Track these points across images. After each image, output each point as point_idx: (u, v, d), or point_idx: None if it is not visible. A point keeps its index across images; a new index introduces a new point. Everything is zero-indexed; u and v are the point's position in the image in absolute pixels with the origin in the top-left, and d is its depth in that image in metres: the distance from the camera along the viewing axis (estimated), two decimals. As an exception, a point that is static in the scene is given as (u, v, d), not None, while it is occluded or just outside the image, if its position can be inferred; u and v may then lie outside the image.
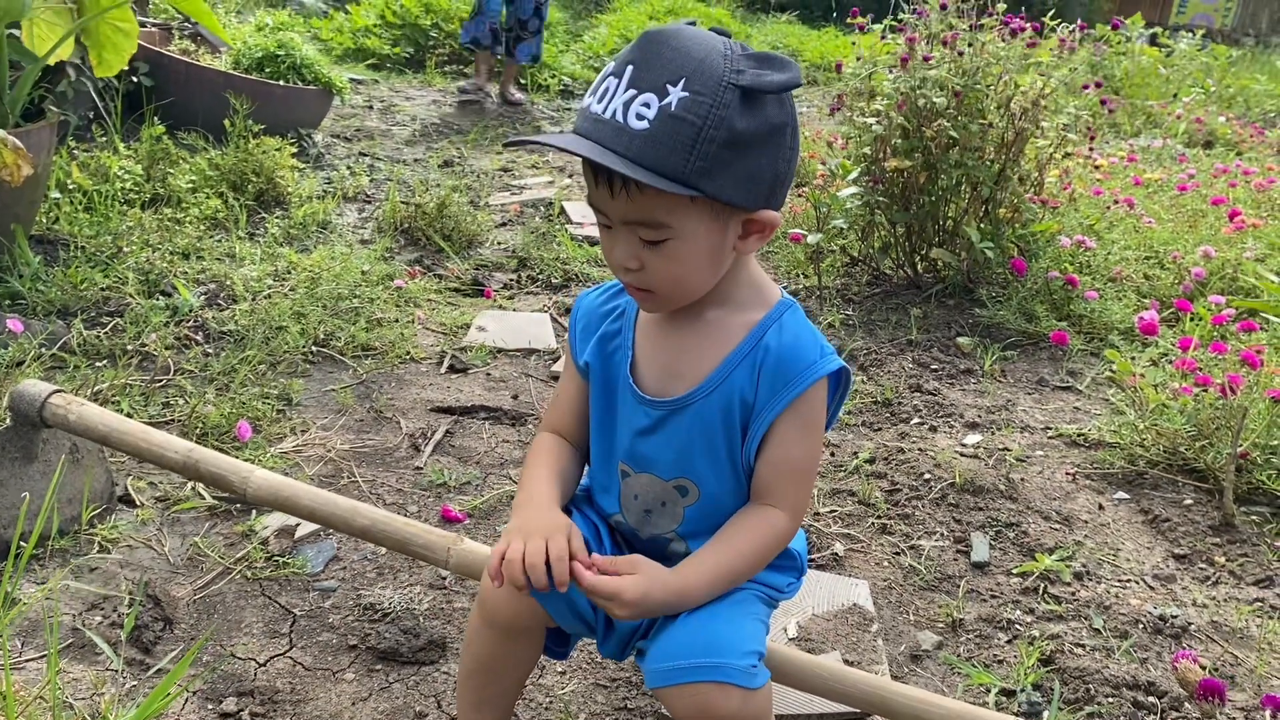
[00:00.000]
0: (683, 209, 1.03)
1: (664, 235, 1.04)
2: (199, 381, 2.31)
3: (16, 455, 1.65)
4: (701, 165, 0.99)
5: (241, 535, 1.81)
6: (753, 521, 1.16)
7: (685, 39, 1.00)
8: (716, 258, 1.09)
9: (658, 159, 0.98)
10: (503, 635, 1.23)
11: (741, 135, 0.99)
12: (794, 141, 1.06)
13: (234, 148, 3.83)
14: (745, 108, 0.99)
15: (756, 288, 1.17)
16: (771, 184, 1.05)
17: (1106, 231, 3.67)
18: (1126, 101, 6.96)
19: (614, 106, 1.00)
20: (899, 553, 1.94)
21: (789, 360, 1.12)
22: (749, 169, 1.02)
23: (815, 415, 1.15)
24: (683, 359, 1.17)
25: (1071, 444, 2.42)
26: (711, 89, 0.98)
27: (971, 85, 3.00)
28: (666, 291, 1.10)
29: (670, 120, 0.98)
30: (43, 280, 2.67)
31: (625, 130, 0.99)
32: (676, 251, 1.06)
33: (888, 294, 3.30)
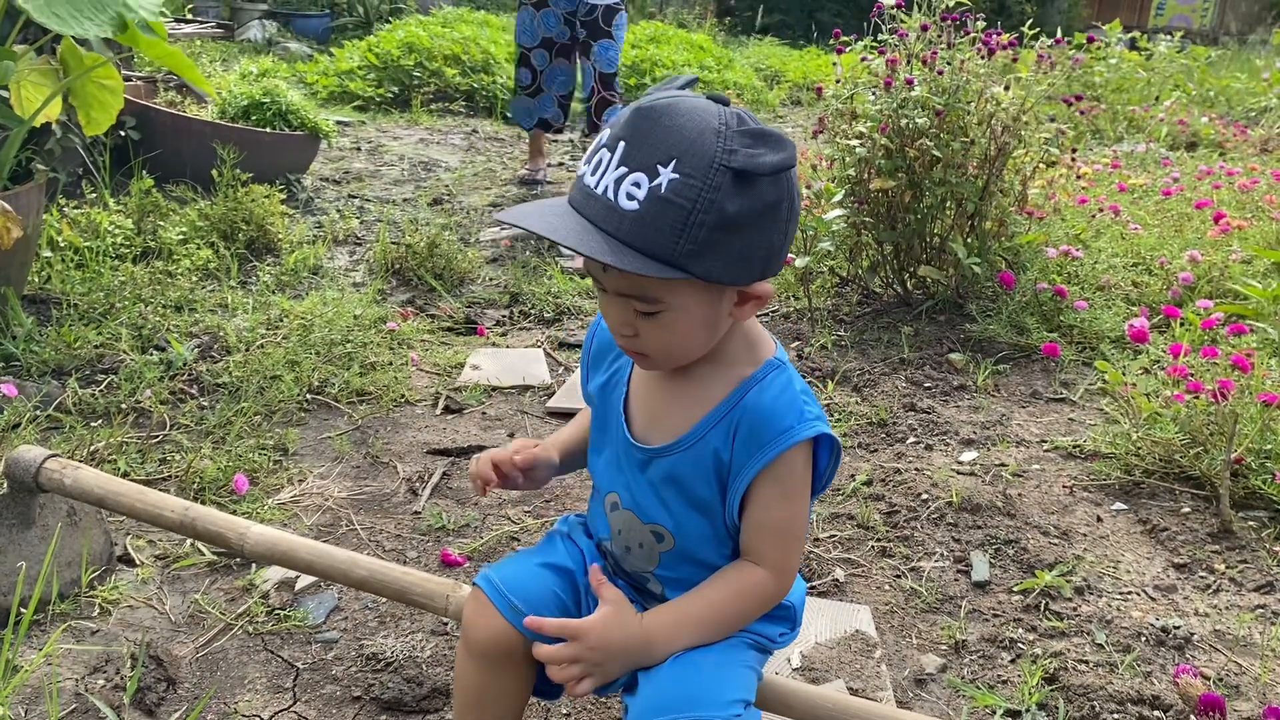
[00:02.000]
0: (675, 286, 1.02)
1: (657, 308, 1.05)
2: (195, 436, 2.32)
3: (14, 521, 1.65)
4: (690, 248, 0.98)
5: (242, 590, 1.82)
6: (731, 576, 1.16)
7: (678, 115, 0.98)
8: (711, 326, 1.09)
9: (647, 241, 0.98)
10: (486, 664, 1.22)
11: (732, 217, 0.98)
12: (790, 214, 1.04)
13: (223, 197, 3.85)
14: (737, 189, 0.98)
15: (750, 344, 1.17)
16: (766, 259, 1.04)
17: (1093, 240, 3.70)
18: (1107, 107, 7.01)
19: (606, 182, 0.99)
20: (900, 575, 1.94)
21: (764, 423, 1.11)
22: (740, 249, 1.01)
23: (794, 480, 1.13)
24: (668, 410, 1.18)
25: (1067, 456, 2.43)
26: (702, 171, 0.97)
27: (953, 104, 3.02)
28: (661, 356, 1.11)
29: (660, 202, 0.97)
30: (36, 341, 2.68)
31: (616, 210, 0.98)
32: (670, 322, 1.06)
33: (878, 313, 3.31)
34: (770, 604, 1.18)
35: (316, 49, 9.33)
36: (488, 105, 7.54)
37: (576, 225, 1.01)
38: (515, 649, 1.20)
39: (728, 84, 8.52)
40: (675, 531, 1.18)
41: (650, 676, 1.12)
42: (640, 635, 1.13)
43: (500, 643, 1.19)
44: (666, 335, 1.07)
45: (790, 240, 1.07)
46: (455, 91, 7.57)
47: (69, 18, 2.65)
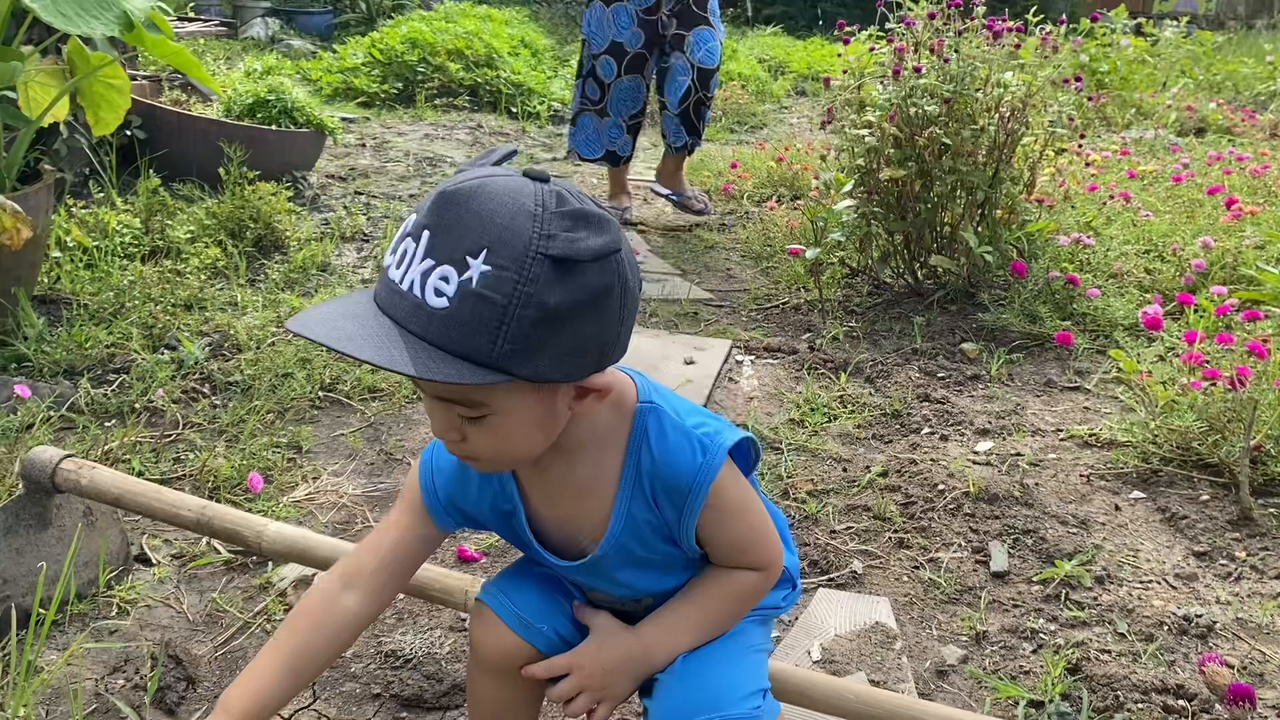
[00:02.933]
0: (499, 389, 0.90)
1: (482, 412, 0.94)
2: (208, 434, 2.31)
3: (31, 522, 1.65)
4: (510, 348, 0.86)
5: (259, 588, 1.81)
6: (720, 579, 1.13)
7: (487, 199, 0.86)
8: (547, 425, 0.98)
9: (460, 342, 0.85)
10: (498, 678, 1.21)
11: (555, 310, 0.86)
12: (625, 299, 0.92)
13: (230, 195, 3.84)
14: (559, 279, 0.86)
15: (611, 412, 1.06)
16: (601, 351, 0.92)
17: (1104, 227, 3.68)
18: (1115, 94, 6.97)
19: (411, 277, 0.87)
20: (918, 566, 1.93)
21: (674, 478, 1.05)
22: (569, 343, 0.89)
23: (733, 499, 1.08)
24: (575, 517, 1.11)
25: (1084, 445, 2.41)
26: (517, 261, 0.85)
27: (961, 91, 3.01)
28: (494, 460, 1.01)
29: (472, 298, 0.85)
30: (47, 341, 2.68)
31: (424, 308, 0.86)
32: (499, 426, 0.95)
33: (890, 303, 3.30)
34: (763, 592, 1.16)
35: (319, 46, 9.32)
36: (491, 100, 7.52)
37: (377, 330, 0.87)
38: (527, 661, 1.19)
39: (733, 75, 8.49)
40: (649, 592, 1.16)
41: (666, 678, 1.11)
42: (638, 647, 1.12)
43: (511, 656, 1.18)
44: (497, 441, 0.96)
45: (629, 325, 0.95)
46: (459, 87, 7.55)
47: (75, 17, 2.64)
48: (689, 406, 1.10)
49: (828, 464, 2.30)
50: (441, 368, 0.85)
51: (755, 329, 3.15)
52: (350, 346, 0.86)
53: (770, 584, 1.15)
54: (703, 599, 1.13)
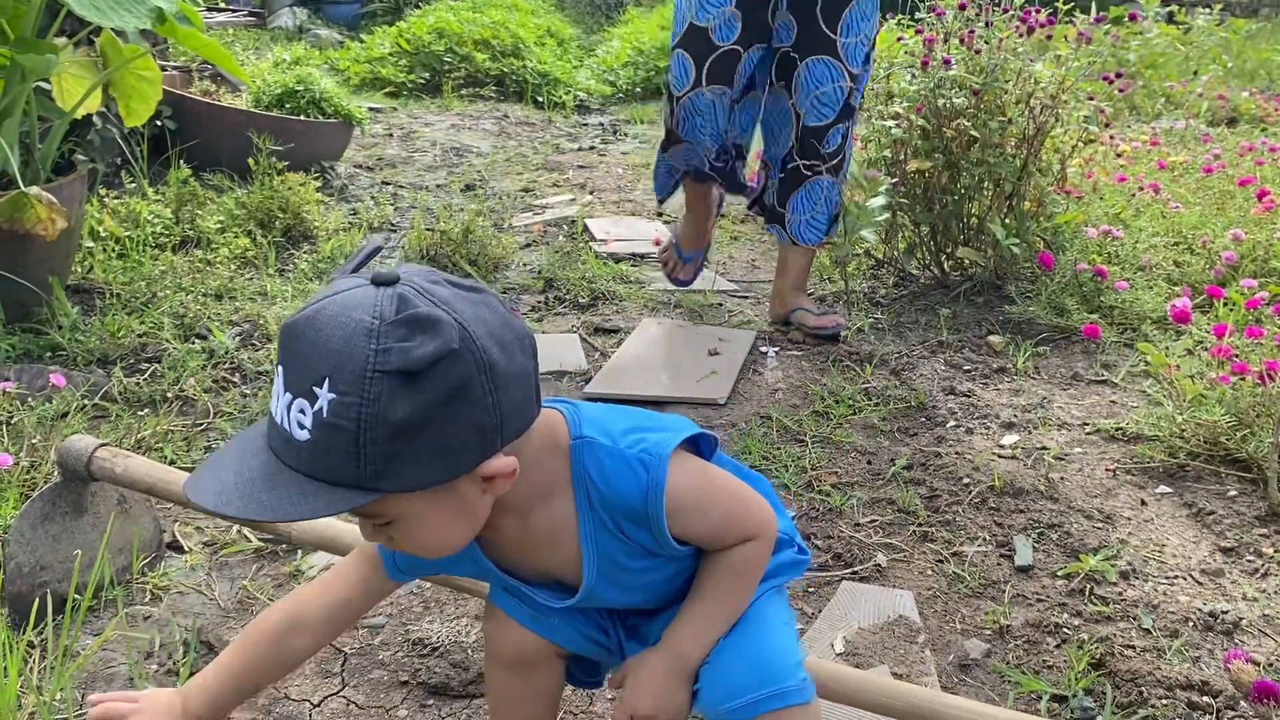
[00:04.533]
0: (386, 502, 0.90)
1: (383, 519, 0.94)
2: (238, 424, 2.35)
3: (67, 510, 1.68)
4: (373, 468, 0.86)
5: (289, 576, 1.84)
6: (721, 561, 1.12)
7: (324, 324, 0.86)
8: (463, 516, 0.97)
9: (329, 470, 0.87)
10: (514, 671, 1.23)
11: (405, 424, 0.85)
12: (494, 382, 0.89)
13: (259, 185, 3.88)
14: (404, 392, 0.85)
15: (547, 459, 1.04)
16: (480, 441, 0.90)
17: (1133, 219, 3.65)
18: (1144, 84, 6.90)
19: (279, 410, 0.89)
20: (942, 560, 1.94)
21: (629, 505, 1.04)
22: (436, 446, 0.88)
23: (693, 496, 1.06)
24: (547, 566, 1.11)
25: (1110, 439, 2.40)
26: (356, 384, 0.84)
27: (990, 83, 2.99)
28: (429, 552, 1.01)
29: (326, 428, 0.85)
30: (81, 330, 2.72)
31: (292, 441, 0.88)
32: (412, 529, 0.95)
33: (915, 295, 3.29)
34: (766, 556, 1.14)
35: (347, 35, 9.36)
36: (518, 90, 7.54)
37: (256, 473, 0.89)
38: (542, 654, 1.20)
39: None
40: (656, 593, 1.16)
41: (711, 661, 1.12)
42: (671, 657, 1.11)
43: (526, 651, 1.20)
44: (420, 540, 0.97)
45: (508, 405, 0.92)
46: (485, 76, 7.58)
47: (108, 10, 2.67)
48: (622, 426, 1.07)
49: (851, 456, 2.30)
50: (311, 503, 0.87)
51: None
52: (213, 502, 0.89)
53: (769, 546, 1.14)
54: (713, 588, 1.13)
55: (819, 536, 1.99)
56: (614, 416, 1.09)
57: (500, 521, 1.04)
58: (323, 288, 0.92)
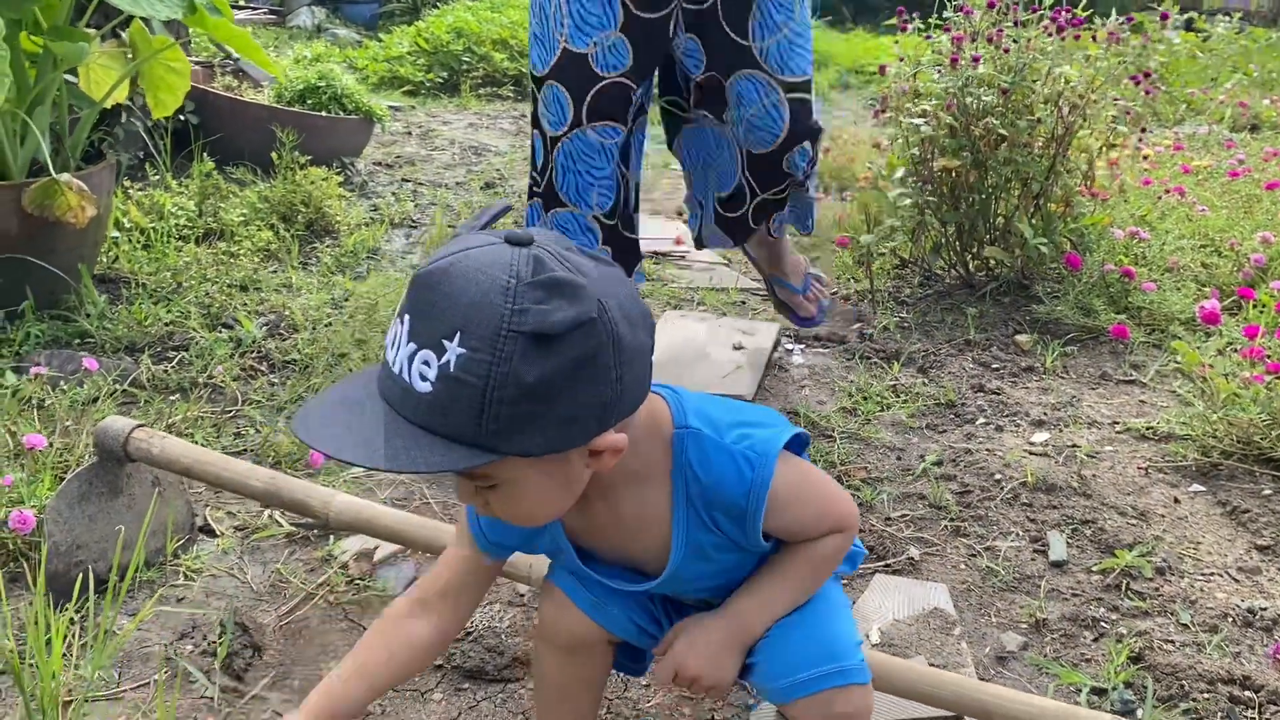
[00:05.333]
0: (497, 465, 0.89)
1: (492, 483, 0.93)
2: (267, 411, 2.34)
3: (103, 490, 1.68)
4: (495, 427, 0.85)
5: (321, 560, 1.84)
6: (804, 550, 1.12)
7: (458, 278, 0.85)
8: (565, 487, 0.96)
9: (447, 425, 0.85)
10: (565, 655, 1.23)
11: (535, 386, 0.84)
12: (619, 357, 0.89)
13: (282, 180, 3.88)
14: (535, 354, 0.84)
15: (648, 444, 1.02)
16: (599, 414, 0.89)
17: (1159, 221, 3.63)
18: (1166, 89, 6.87)
19: (400, 360, 0.87)
20: (975, 554, 1.92)
21: (729, 500, 1.04)
22: (559, 414, 0.87)
23: (792, 494, 1.06)
24: (631, 552, 1.11)
25: (1141, 438, 2.39)
26: (489, 341, 0.83)
27: (1019, 82, 2.98)
28: (522, 521, 1.02)
29: (452, 382, 0.84)
30: (108, 318, 2.73)
31: (411, 392, 0.86)
32: (513, 495, 0.94)
33: (941, 294, 3.28)
34: (845, 550, 1.14)
35: (365, 35, 9.39)
36: (536, 90, 7.55)
37: (368, 421, 0.88)
38: (596, 640, 1.20)
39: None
40: (719, 594, 1.15)
41: (774, 633, 1.11)
42: (735, 623, 1.11)
43: (580, 636, 1.20)
44: (517, 507, 0.96)
45: (634, 377, 0.91)
46: (504, 76, 7.58)
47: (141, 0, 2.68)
48: (729, 419, 1.06)
49: (881, 452, 2.29)
50: (427, 456, 0.85)
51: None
52: (332, 447, 0.87)
53: (850, 541, 1.14)
54: (788, 570, 1.12)
55: (851, 529, 1.98)
56: (716, 407, 1.08)
57: (591, 499, 1.02)
58: (451, 241, 0.90)
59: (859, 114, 7.90)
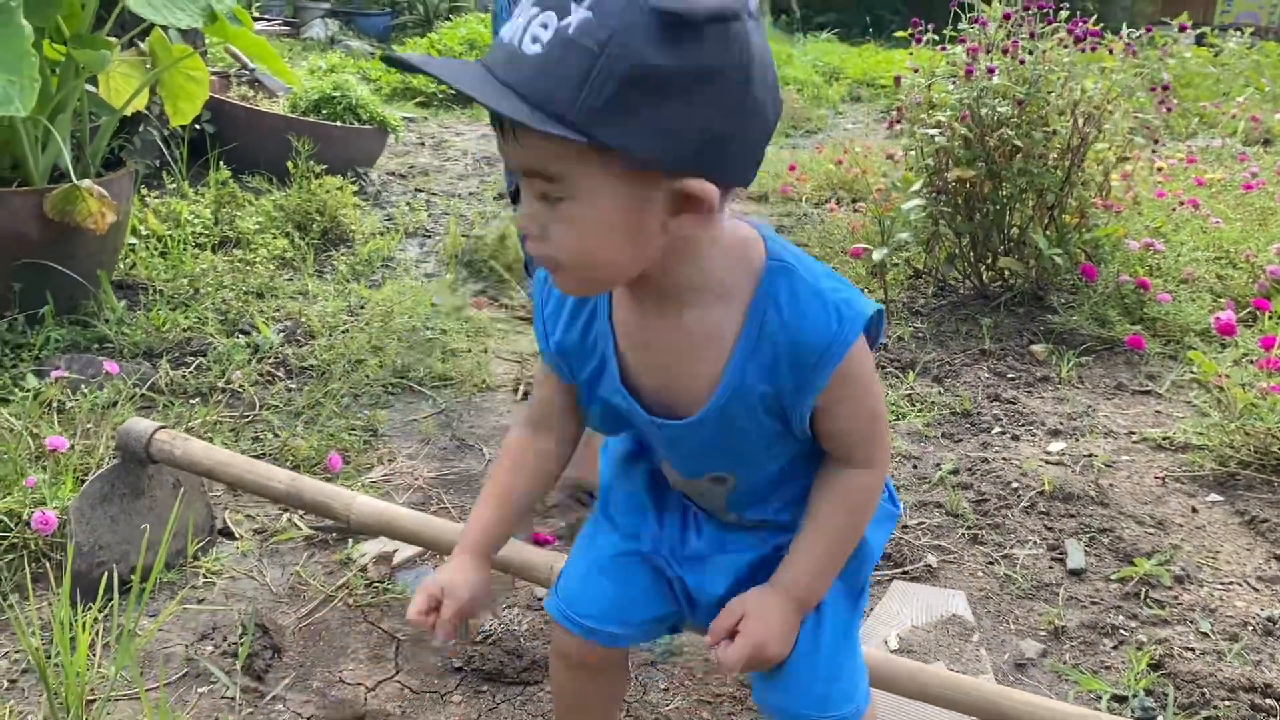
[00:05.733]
0: (577, 160, 0.82)
1: (558, 192, 0.85)
2: (285, 416, 2.35)
3: (125, 491, 1.69)
4: (593, 104, 0.78)
5: (339, 564, 1.84)
6: (837, 491, 1.04)
7: None
8: (633, 234, 0.87)
9: (544, 91, 0.79)
10: (580, 672, 1.22)
11: (653, 74, 0.78)
12: (745, 96, 0.82)
13: (297, 189, 3.91)
14: (663, 38, 0.78)
15: (732, 262, 0.95)
16: (699, 143, 0.82)
17: (1173, 233, 3.63)
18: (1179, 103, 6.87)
19: (517, 28, 0.82)
20: (992, 562, 1.92)
21: (805, 344, 0.94)
22: (662, 118, 0.80)
23: (860, 378, 0.98)
24: (678, 375, 1.00)
25: (1157, 448, 2.38)
26: (619, 9, 0.77)
27: (1034, 94, 2.99)
28: (573, 267, 0.90)
29: (565, 45, 0.78)
30: (126, 324, 2.74)
31: (518, 55, 0.80)
32: (575, 216, 0.86)
33: (955, 305, 3.28)
34: (877, 497, 1.07)
35: (377, 46, 9.45)
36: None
37: (465, 70, 0.83)
38: (607, 656, 1.19)
39: (788, 80, 8.48)
40: (733, 473, 1.07)
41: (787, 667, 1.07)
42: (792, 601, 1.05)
43: (587, 654, 1.18)
44: (573, 234, 0.86)
45: (753, 135, 0.86)
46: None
47: (162, 7, 2.71)
48: (824, 269, 0.98)
49: (897, 461, 2.29)
50: (522, 109, 0.79)
51: (819, 328, 3.15)
52: (431, 67, 0.82)
53: (880, 485, 1.07)
54: (826, 520, 1.05)
55: (868, 536, 1.98)
56: (814, 261, 0.99)
57: (650, 303, 0.97)
58: None
59: (870, 126, 7.92)
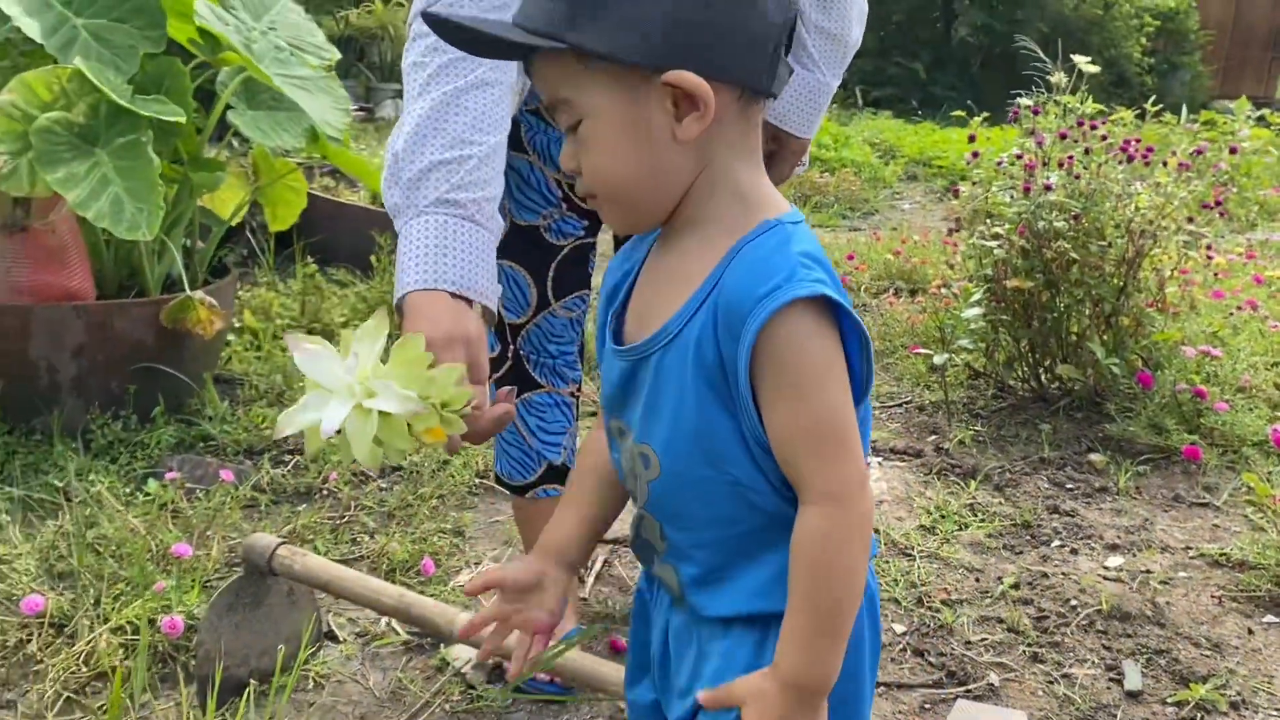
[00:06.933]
0: (579, 78, 0.91)
1: (573, 115, 0.94)
2: (378, 517, 2.51)
3: (248, 601, 1.85)
4: (564, 12, 0.89)
5: (436, 668, 1.98)
6: (795, 540, 0.92)
7: None
8: (643, 143, 0.92)
9: (533, 16, 0.92)
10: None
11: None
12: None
13: (379, 280, 4.12)
14: None
15: (746, 203, 0.96)
16: (670, 31, 0.88)
17: (1231, 337, 3.69)
18: (1237, 189, 6.91)
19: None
20: (1052, 681, 2.01)
21: (741, 293, 0.89)
22: (626, 11, 0.87)
23: (797, 367, 0.89)
24: (656, 298, 1.00)
25: (1214, 564, 2.45)
26: None
27: (1090, 207, 3.11)
28: (604, 193, 0.97)
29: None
30: (228, 421, 2.93)
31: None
32: (591, 135, 0.94)
33: (1015, 408, 3.37)
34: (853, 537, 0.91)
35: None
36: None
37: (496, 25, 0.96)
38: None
39: (845, 161, 8.65)
40: (658, 451, 0.98)
41: None
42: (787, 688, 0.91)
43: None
44: (595, 154, 0.94)
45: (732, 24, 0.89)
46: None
47: (270, 130, 2.94)
48: (817, 255, 0.92)
49: (960, 573, 2.39)
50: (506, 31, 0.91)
51: (880, 429, 3.26)
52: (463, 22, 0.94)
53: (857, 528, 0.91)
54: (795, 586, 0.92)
55: (931, 653, 2.07)
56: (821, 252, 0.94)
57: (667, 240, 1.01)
58: None
59: (927, 207, 8.06)
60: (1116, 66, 15.18)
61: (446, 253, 1.27)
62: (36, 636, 1.91)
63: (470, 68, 1.33)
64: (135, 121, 2.59)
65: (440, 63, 1.33)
